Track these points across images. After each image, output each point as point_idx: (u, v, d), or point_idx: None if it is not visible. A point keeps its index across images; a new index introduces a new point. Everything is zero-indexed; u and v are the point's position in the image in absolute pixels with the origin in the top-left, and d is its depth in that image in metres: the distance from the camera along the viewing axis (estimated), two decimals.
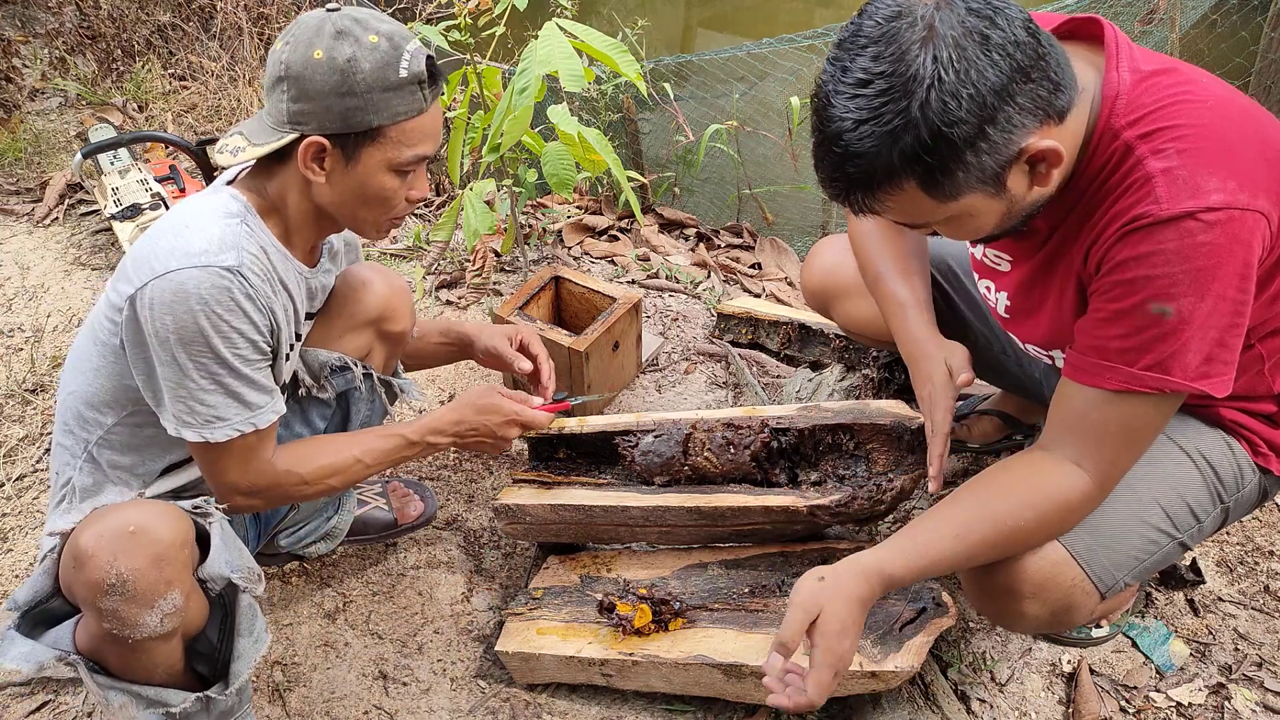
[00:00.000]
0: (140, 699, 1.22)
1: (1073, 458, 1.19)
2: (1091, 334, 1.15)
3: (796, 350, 2.30)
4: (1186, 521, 1.30)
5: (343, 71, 1.20)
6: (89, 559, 1.11)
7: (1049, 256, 1.25)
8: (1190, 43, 2.91)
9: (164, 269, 1.19)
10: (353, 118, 1.23)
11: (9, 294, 2.70)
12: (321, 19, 1.23)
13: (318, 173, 1.27)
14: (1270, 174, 1.07)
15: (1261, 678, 1.57)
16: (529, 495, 1.68)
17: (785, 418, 1.65)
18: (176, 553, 1.15)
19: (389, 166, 1.29)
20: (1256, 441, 1.32)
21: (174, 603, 1.15)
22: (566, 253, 2.87)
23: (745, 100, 3.24)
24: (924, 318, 1.50)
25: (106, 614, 1.12)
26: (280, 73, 1.23)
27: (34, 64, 4.10)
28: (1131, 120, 1.10)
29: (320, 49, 1.20)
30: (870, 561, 1.19)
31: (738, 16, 6.18)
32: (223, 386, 1.24)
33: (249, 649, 1.28)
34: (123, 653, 1.19)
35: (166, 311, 1.18)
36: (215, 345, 1.21)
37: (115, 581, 1.10)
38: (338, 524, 1.81)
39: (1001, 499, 1.21)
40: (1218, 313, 1.07)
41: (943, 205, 1.08)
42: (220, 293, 1.19)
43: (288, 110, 1.23)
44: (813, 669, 1.15)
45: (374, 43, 1.22)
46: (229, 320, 1.21)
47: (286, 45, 1.23)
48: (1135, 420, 1.15)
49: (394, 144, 1.27)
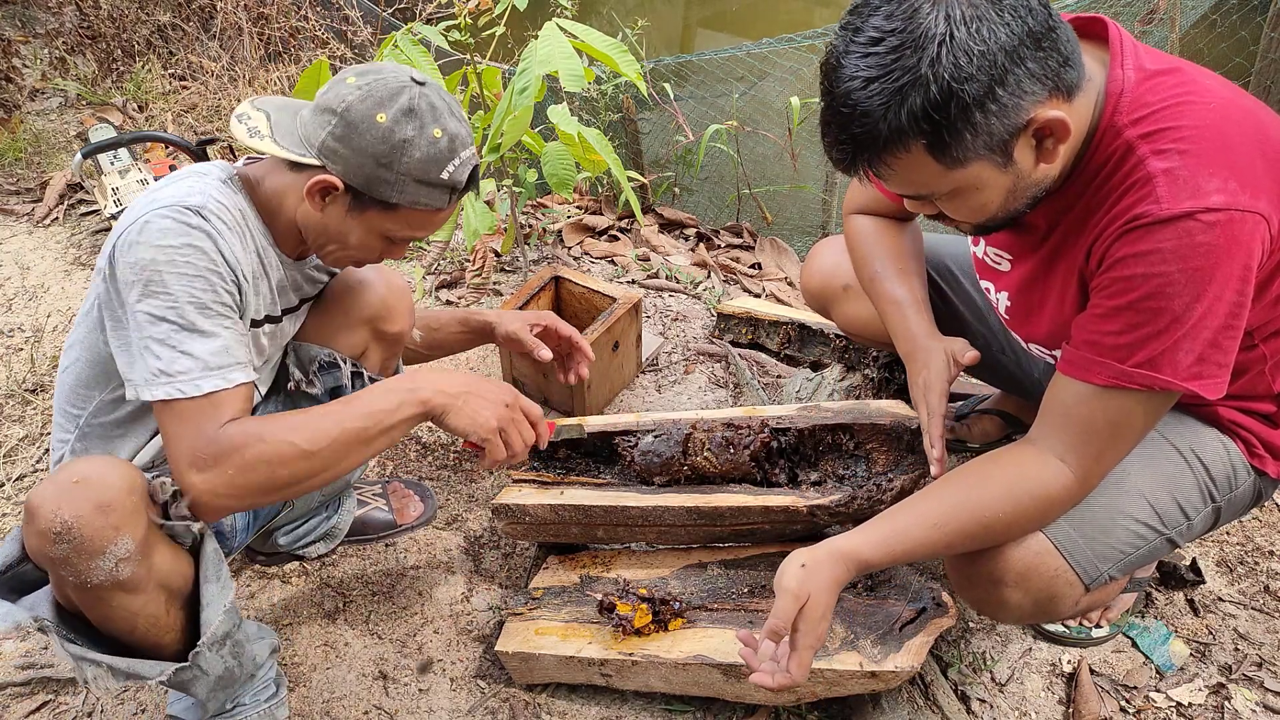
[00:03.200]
0: (114, 671, 1.21)
1: (1057, 452, 1.19)
2: (1087, 329, 1.16)
3: (796, 350, 2.31)
4: (1175, 518, 1.30)
5: (393, 147, 1.23)
6: (36, 511, 1.12)
7: (1050, 254, 1.25)
8: (1190, 42, 2.91)
9: (133, 217, 1.21)
10: (376, 188, 1.26)
11: (9, 294, 2.70)
12: (404, 86, 1.25)
13: (316, 204, 1.29)
14: (1272, 175, 1.07)
15: (1261, 678, 1.57)
16: (529, 495, 1.68)
17: (785, 418, 1.65)
18: (124, 499, 1.15)
19: (383, 234, 1.33)
20: (1253, 442, 1.32)
21: (125, 547, 1.15)
22: (566, 253, 2.87)
23: (745, 100, 3.24)
24: (923, 315, 1.51)
25: (59, 562, 1.13)
26: (338, 107, 1.24)
27: (34, 64, 4.10)
28: (1135, 119, 1.10)
29: (386, 115, 1.23)
30: (847, 547, 1.21)
31: (737, 16, 6.17)
32: (178, 334, 1.19)
33: (216, 595, 1.26)
34: (95, 605, 1.19)
35: (128, 252, 1.19)
36: (169, 284, 1.18)
37: (60, 529, 1.11)
38: (337, 524, 1.82)
39: (982, 490, 1.21)
40: (1213, 314, 1.07)
41: (949, 173, 1.07)
42: (179, 227, 1.19)
43: (325, 142, 1.25)
44: (796, 651, 1.19)
45: (435, 137, 1.25)
46: (185, 256, 1.19)
47: (361, 90, 1.24)
48: (1122, 417, 1.15)
49: (399, 220, 1.31)
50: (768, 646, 1.21)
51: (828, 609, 1.19)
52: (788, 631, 1.18)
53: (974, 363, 1.41)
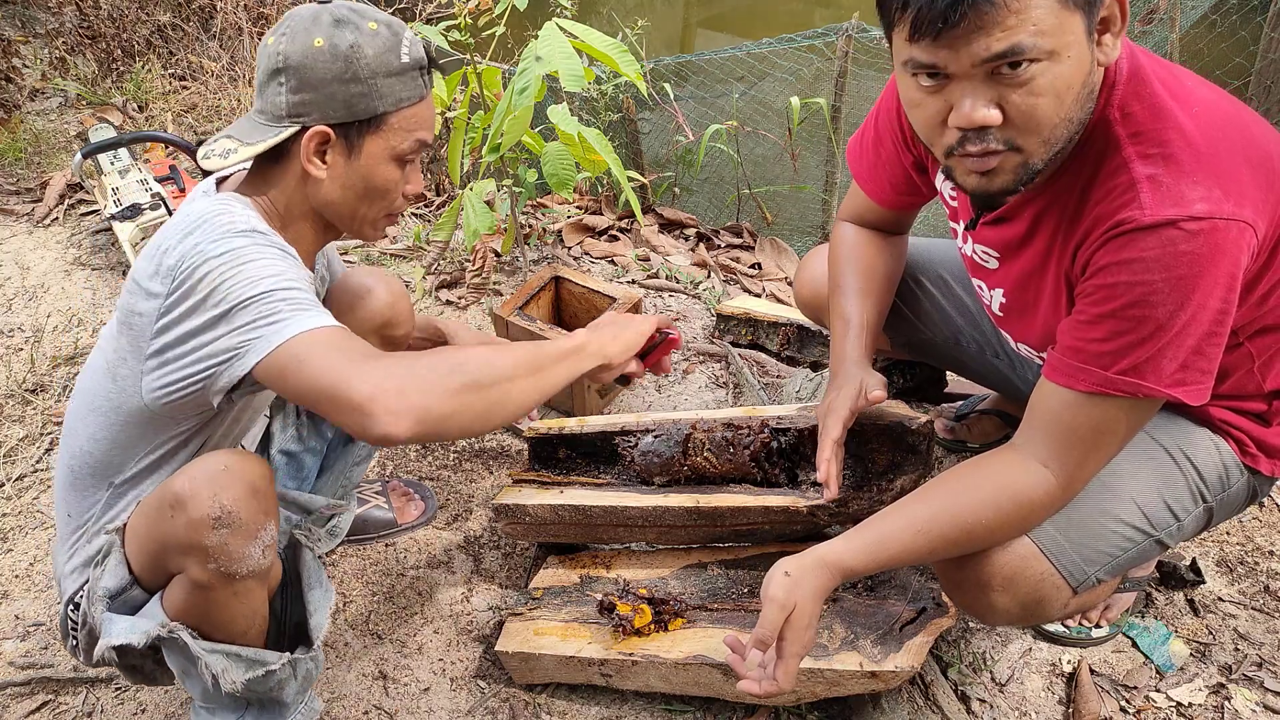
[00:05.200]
0: (240, 660, 1.22)
1: (1040, 457, 1.19)
2: (1072, 335, 1.15)
3: (796, 351, 2.30)
4: (1164, 520, 1.30)
5: (346, 58, 1.18)
6: (190, 498, 1.11)
7: (1040, 255, 1.24)
8: (1190, 43, 2.91)
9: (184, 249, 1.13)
10: (357, 104, 1.20)
11: (9, 294, 2.70)
12: (317, 10, 1.21)
13: (320, 166, 1.23)
14: (1257, 181, 1.07)
15: (1261, 678, 1.57)
16: (529, 495, 1.68)
17: (785, 418, 1.65)
18: (267, 486, 1.17)
19: (391, 155, 1.26)
20: (1245, 441, 1.32)
21: (271, 534, 1.18)
22: (566, 253, 2.87)
23: (745, 100, 3.24)
24: (862, 342, 1.51)
25: (214, 551, 1.12)
26: (277, 64, 1.19)
27: (34, 64, 4.10)
28: (1125, 114, 1.10)
29: (320, 37, 1.18)
30: (832, 556, 1.21)
31: (737, 16, 6.18)
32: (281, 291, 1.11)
33: (322, 599, 1.30)
34: (219, 605, 1.19)
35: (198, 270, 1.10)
36: (251, 265, 1.11)
37: (220, 514, 1.11)
38: (338, 523, 1.82)
39: (964, 496, 1.22)
40: (1197, 321, 1.07)
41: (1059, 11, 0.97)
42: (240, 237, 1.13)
43: (287, 102, 1.20)
44: (782, 659, 1.20)
45: (374, 29, 1.20)
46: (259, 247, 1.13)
47: (283, 37, 1.19)
48: (1106, 424, 1.15)
49: (396, 131, 1.25)
50: (755, 654, 1.22)
51: (813, 618, 1.20)
52: (774, 640, 1.19)
53: (878, 401, 1.41)
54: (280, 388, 1.10)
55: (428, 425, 1.06)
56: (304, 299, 1.12)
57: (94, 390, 1.27)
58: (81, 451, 1.30)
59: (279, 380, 1.09)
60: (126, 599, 1.24)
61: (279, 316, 1.08)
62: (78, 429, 1.30)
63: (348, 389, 1.03)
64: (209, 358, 1.12)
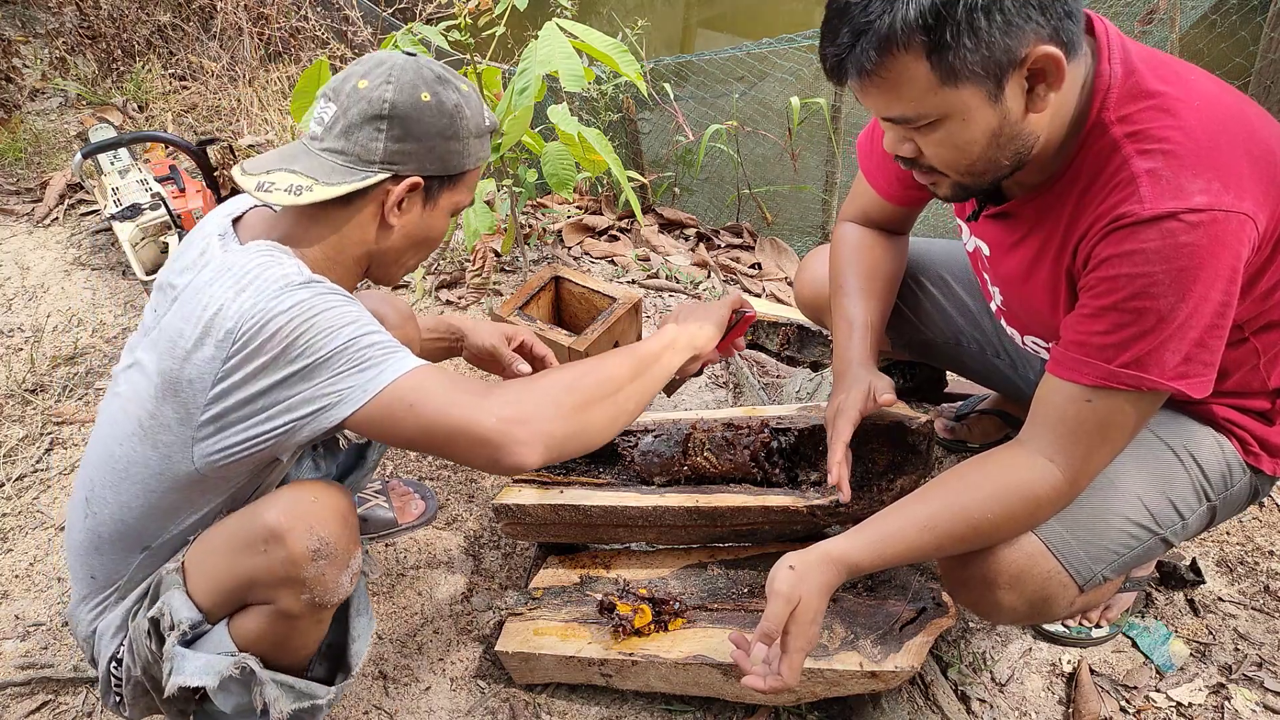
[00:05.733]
0: (291, 691, 1.23)
1: (1046, 453, 1.19)
2: (1075, 329, 1.16)
3: (796, 351, 2.30)
4: (1169, 518, 1.30)
5: (451, 115, 1.20)
6: (288, 532, 1.12)
7: (1038, 250, 1.25)
8: (1190, 43, 2.91)
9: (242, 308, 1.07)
10: (451, 160, 1.22)
11: (9, 294, 2.70)
12: (415, 63, 1.20)
13: (398, 214, 1.22)
14: (1257, 175, 1.07)
15: (1261, 678, 1.57)
16: (529, 495, 1.68)
17: (785, 418, 1.65)
18: (353, 513, 1.19)
19: (453, 210, 1.29)
20: (1248, 440, 1.32)
21: (359, 561, 1.20)
22: (566, 253, 2.87)
23: (745, 100, 3.24)
24: (866, 343, 1.51)
25: (311, 582, 1.14)
26: (382, 110, 1.16)
27: (34, 64, 4.10)
28: (1121, 116, 1.10)
29: (427, 92, 1.18)
30: (837, 552, 1.21)
31: (737, 16, 6.18)
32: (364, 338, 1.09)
33: (366, 627, 1.33)
34: (299, 633, 1.21)
35: (262, 330, 1.06)
36: (324, 321, 1.07)
37: (318, 546, 1.12)
38: None
39: (970, 492, 1.21)
40: (1199, 314, 1.07)
41: (940, 89, 1.05)
42: (301, 289, 1.09)
43: (385, 149, 1.17)
44: (787, 654, 1.19)
45: (467, 91, 1.23)
46: (325, 300, 1.10)
47: (387, 85, 1.17)
48: (1111, 417, 1.15)
49: (465, 188, 1.29)
50: (759, 649, 1.22)
51: (818, 613, 1.19)
52: (779, 635, 1.18)
53: (889, 405, 1.41)
54: (383, 433, 1.10)
55: (555, 448, 1.11)
56: (387, 341, 1.11)
57: (128, 458, 1.20)
58: (112, 519, 1.24)
59: (385, 425, 1.08)
60: (199, 633, 1.23)
61: (371, 363, 1.08)
62: (106, 496, 1.23)
63: (475, 425, 1.06)
64: (287, 412, 1.09)
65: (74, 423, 2.22)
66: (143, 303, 2.66)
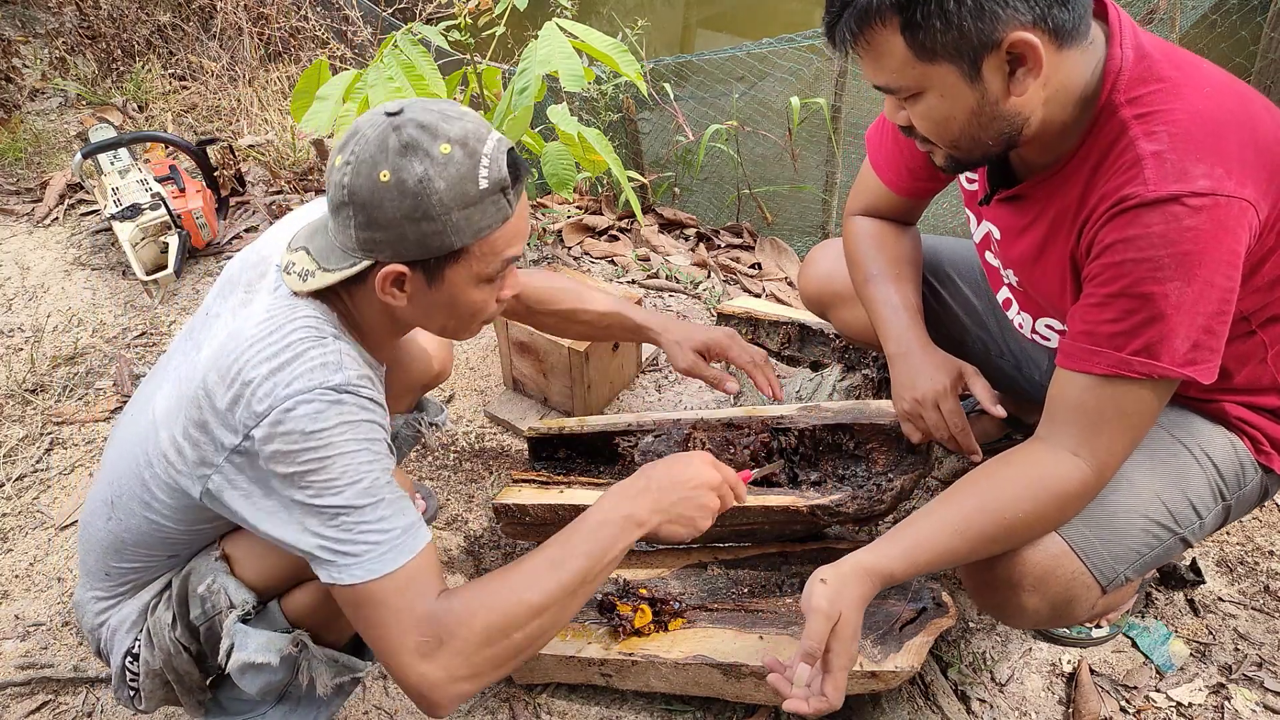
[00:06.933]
0: (335, 664, 1.25)
1: (1069, 446, 1.18)
2: (1082, 319, 1.16)
3: (796, 350, 2.30)
4: (1188, 517, 1.30)
5: (415, 195, 1.04)
6: None
7: (1049, 232, 1.25)
8: (1190, 42, 2.91)
9: (270, 401, 1.06)
10: (431, 242, 1.07)
11: (9, 294, 2.70)
12: (384, 131, 1.05)
13: (398, 297, 1.13)
14: (1260, 164, 1.08)
15: (1261, 678, 1.57)
16: (529, 495, 1.68)
17: (785, 418, 1.65)
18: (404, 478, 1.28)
19: (477, 281, 1.15)
20: (1259, 438, 1.32)
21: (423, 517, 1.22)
22: (566, 253, 2.87)
23: (745, 100, 3.24)
24: (919, 324, 1.50)
25: None
26: (343, 198, 1.07)
27: (34, 64, 4.10)
28: (1130, 98, 1.10)
29: (386, 170, 1.04)
30: (871, 562, 1.19)
31: (737, 16, 6.18)
32: (353, 515, 1.08)
33: None
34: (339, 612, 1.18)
35: (276, 440, 1.05)
36: (333, 467, 1.06)
37: None
38: None
39: (999, 492, 1.20)
40: (1205, 298, 1.07)
41: (917, 64, 1.07)
42: (331, 408, 1.07)
43: (357, 238, 1.08)
44: (830, 673, 1.15)
45: (446, 154, 1.05)
46: (343, 435, 1.07)
47: (349, 165, 1.06)
48: (1129, 405, 1.15)
49: (480, 258, 1.12)
50: (803, 670, 1.16)
51: (858, 627, 1.16)
52: (821, 653, 1.14)
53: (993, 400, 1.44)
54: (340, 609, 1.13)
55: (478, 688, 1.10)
56: (377, 523, 1.08)
57: (156, 481, 1.19)
58: (138, 529, 1.23)
59: (340, 605, 1.11)
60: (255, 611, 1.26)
61: (348, 553, 1.07)
62: (133, 508, 1.22)
63: (403, 674, 1.06)
64: (269, 523, 1.09)
65: (74, 423, 2.22)
66: (143, 303, 2.66)
